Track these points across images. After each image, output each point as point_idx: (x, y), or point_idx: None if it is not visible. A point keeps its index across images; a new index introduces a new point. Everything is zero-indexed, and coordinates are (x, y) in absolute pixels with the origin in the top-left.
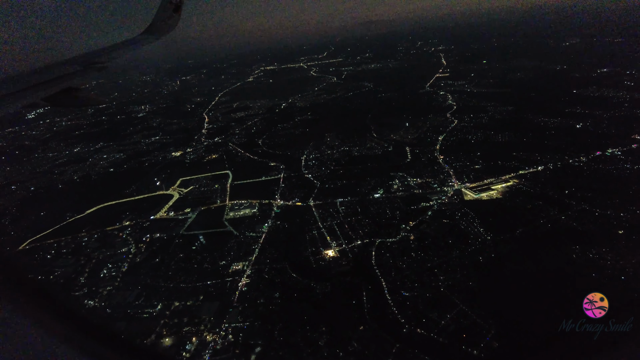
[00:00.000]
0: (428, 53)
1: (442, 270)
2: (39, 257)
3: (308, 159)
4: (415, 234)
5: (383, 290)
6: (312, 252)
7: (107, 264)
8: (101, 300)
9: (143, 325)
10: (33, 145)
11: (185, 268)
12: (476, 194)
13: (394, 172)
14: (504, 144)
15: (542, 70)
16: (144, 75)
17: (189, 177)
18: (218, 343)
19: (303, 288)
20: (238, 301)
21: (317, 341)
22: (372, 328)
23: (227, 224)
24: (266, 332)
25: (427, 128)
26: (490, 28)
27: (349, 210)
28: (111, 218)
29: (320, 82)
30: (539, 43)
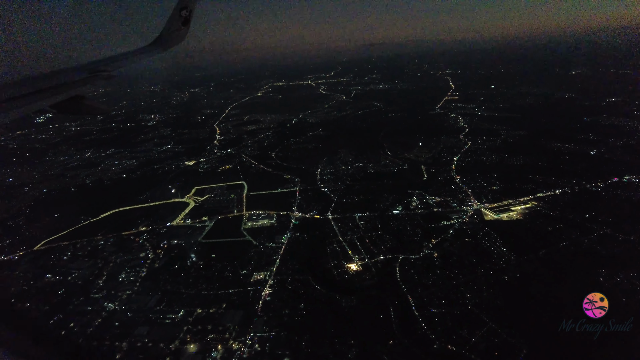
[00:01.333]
0: (435, 76)
1: (468, 288)
2: (55, 257)
3: (323, 173)
4: (439, 252)
5: (410, 306)
6: (335, 265)
7: (125, 268)
8: (121, 303)
9: (165, 330)
10: (43, 148)
11: (206, 275)
12: (496, 214)
13: (411, 189)
14: (519, 167)
15: (550, 97)
16: (152, 85)
17: (203, 186)
18: (244, 352)
19: (328, 300)
20: (262, 311)
21: (347, 354)
22: (401, 343)
23: (245, 233)
24: (293, 343)
25: (441, 148)
26: (495, 55)
27: (368, 225)
28: (127, 223)
29: (329, 99)
30: (545, 71)
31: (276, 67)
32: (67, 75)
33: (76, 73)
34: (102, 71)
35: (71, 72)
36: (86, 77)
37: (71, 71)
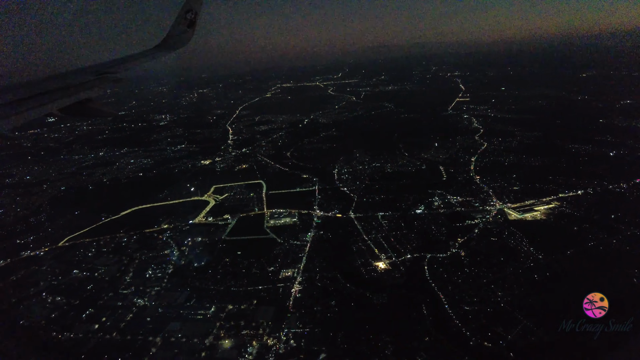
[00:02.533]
0: (444, 78)
1: (499, 286)
2: (80, 254)
3: (340, 172)
4: (466, 251)
5: (442, 304)
6: (363, 264)
7: (151, 264)
8: (150, 299)
9: (198, 326)
10: (57, 147)
11: (234, 272)
12: (520, 214)
13: (431, 189)
14: (538, 168)
15: (563, 99)
16: (160, 86)
17: (222, 185)
18: (280, 347)
19: (359, 298)
20: (294, 307)
21: (383, 350)
22: (437, 340)
23: (268, 231)
24: (328, 339)
25: (458, 149)
26: (503, 57)
27: (392, 224)
28: (148, 221)
29: (339, 100)
30: (555, 73)
31: (283, 69)
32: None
33: (83, 75)
34: (110, 73)
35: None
36: (94, 79)
37: (78, 73)
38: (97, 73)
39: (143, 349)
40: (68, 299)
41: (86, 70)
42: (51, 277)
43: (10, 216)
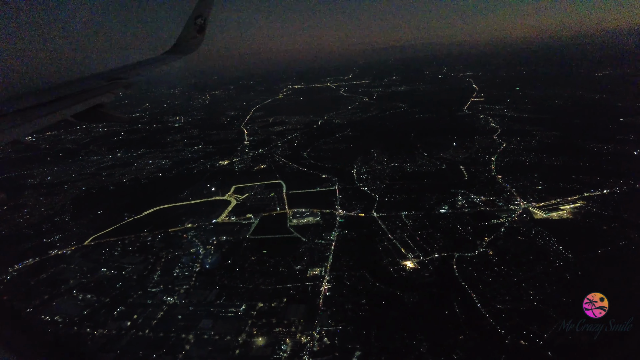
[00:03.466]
0: (456, 78)
1: (530, 285)
2: (106, 253)
3: (359, 172)
4: (494, 250)
5: (474, 302)
6: (390, 262)
7: (178, 263)
8: (180, 297)
9: (230, 324)
10: (75, 148)
11: (261, 271)
12: (545, 213)
13: (453, 189)
14: (560, 167)
15: (580, 98)
16: (171, 88)
17: (242, 185)
18: (314, 345)
19: (389, 296)
20: (324, 305)
21: (418, 348)
22: (472, 338)
23: (292, 230)
24: (361, 337)
25: (477, 148)
26: (515, 57)
27: (416, 223)
28: (171, 220)
29: (352, 101)
30: (570, 72)
31: (293, 70)
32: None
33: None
34: (121, 79)
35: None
36: (106, 85)
37: (91, 80)
38: (109, 79)
39: (176, 346)
40: (98, 297)
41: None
42: (80, 275)
43: (35, 216)
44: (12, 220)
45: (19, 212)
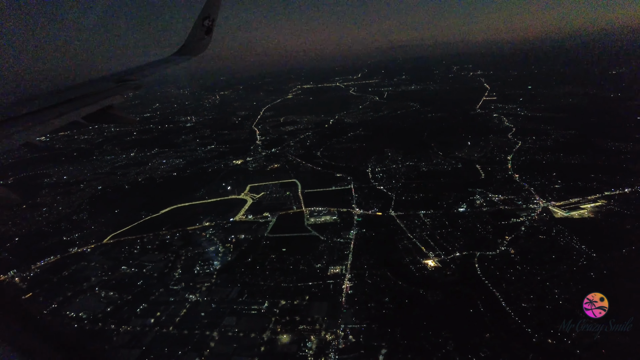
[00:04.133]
0: (467, 77)
1: (554, 284)
2: (126, 251)
3: (374, 171)
4: (515, 248)
5: (498, 301)
6: (411, 261)
7: (198, 261)
8: (202, 295)
9: (253, 321)
10: (88, 148)
11: (281, 269)
12: (566, 212)
13: (471, 188)
14: (578, 166)
15: (594, 97)
16: (181, 88)
17: (257, 184)
18: (340, 343)
19: (412, 295)
20: (347, 303)
21: (444, 346)
22: (499, 336)
23: (310, 229)
24: (386, 334)
25: (492, 147)
26: (525, 56)
27: (435, 222)
28: (189, 218)
29: (362, 100)
30: (582, 71)
31: (301, 70)
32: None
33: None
34: (130, 80)
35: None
36: (115, 87)
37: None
38: (118, 80)
39: (202, 343)
40: (120, 294)
41: (108, 78)
42: (101, 273)
43: (53, 214)
44: (31, 219)
45: (37, 210)
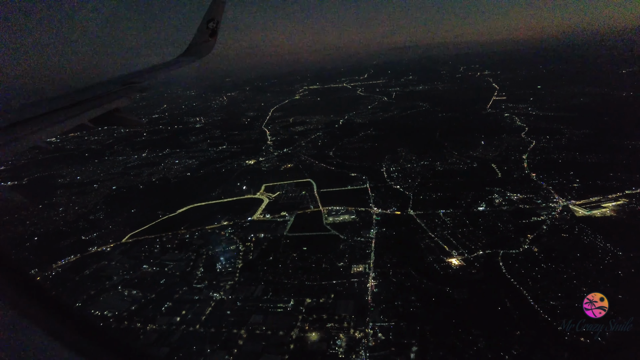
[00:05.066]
0: (474, 77)
1: (582, 282)
2: (145, 250)
3: (389, 171)
4: (538, 247)
5: (526, 299)
6: (435, 260)
7: (219, 259)
8: (226, 293)
9: (281, 319)
10: (99, 149)
11: (304, 267)
12: (587, 210)
13: (488, 187)
14: (596, 165)
15: (606, 96)
16: (187, 90)
17: (271, 184)
18: (370, 340)
19: (438, 293)
20: (373, 301)
21: (475, 344)
22: (529, 334)
23: (329, 228)
24: (416, 332)
25: (506, 147)
26: (532, 56)
27: (455, 221)
28: (207, 218)
29: (370, 101)
30: (592, 70)
31: (306, 72)
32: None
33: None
34: (136, 83)
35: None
36: (121, 89)
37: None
38: (124, 83)
39: (230, 341)
40: (144, 293)
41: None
42: (122, 271)
43: (70, 214)
44: (48, 218)
45: (54, 210)
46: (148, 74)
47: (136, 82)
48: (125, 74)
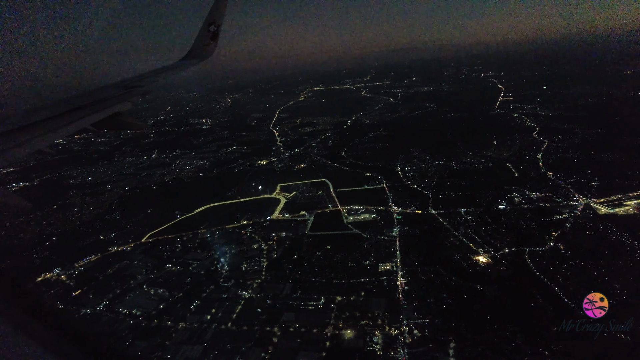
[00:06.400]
0: (478, 78)
1: (614, 279)
2: (167, 249)
3: (404, 170)
4: (564, 244)
5: (558, 295)
6: (462, 258)
7: (244, 258)
8: (254, 292)
9: (313, 316)
10: (107, 150)
11: (330, 265)
12: (610, 208)
13: (506, 186)
14: (613, 163)
15: (614, 96)
16: (190, 92)
17: (287, 184)
18: (406, 337)
19: (469, 290)
20: (405, 299)
21: (513, 340)
22: (567, 330)
23: (350, 226)
24: (452, 329)
25: (519, 146)
26: (534, 57)
27: (478, 220)
28: (225, 217)
29: (376, 102)
30: (597, 71)
31: (308, 73)
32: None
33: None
34: (138, 87)
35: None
36: (123, 93)
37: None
38: (126, 87)
39: (264, 339)
40: (170, 291)
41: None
42: (146, 271)
43: (86, 214)
44: (64, 219)
45: (68, 211)
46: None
47: (138, 86)
48: (127, 78)
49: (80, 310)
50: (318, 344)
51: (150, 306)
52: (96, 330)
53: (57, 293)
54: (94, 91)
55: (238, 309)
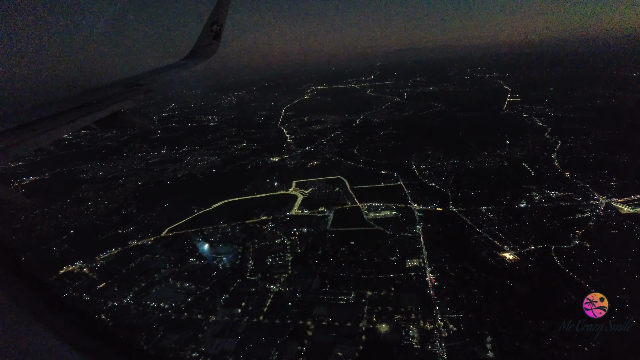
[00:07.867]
0: (483, 79)
1: None
2: (188, 243)
3: (420, 168)
4: (590, 242)
5: (590, 291)
6: (489, 254)
7: (268, 253)
8: (283, 285)
9: (345, 311)
10: (116, 145)
11: (356, 261)
12: (632, 208)
13: (524, 184)
14: (630, 164)
15: (623, 98)
16: (193, 89)
17: (302, 180)
18: (442, 332)
19: (500, 286)
20: (436, 295)
21: (551, 334)
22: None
23: (372, 223)
24: (486, 323)
25: (532, 146)
26: (538, 58)
27: (500, 217)
28: (244, 212)
29: (383, 101)
30: (603, 73)
31: (311, 73)
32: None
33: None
34: (141, 85)
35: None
36: (125, 91)
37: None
38: (129, 85)
39: (299, 332)
40: (197, 285)
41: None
42: (169, 264)
43: (101, 208)
44: (79, 213)
45: (83, 205)
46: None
47: (140, 85)
48: (130, 77)
49: (107, 302)
50: (354, 337)
51: (178, 299)
52: (126, 322)
53: (81, 286)
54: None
55: (268, 302)
